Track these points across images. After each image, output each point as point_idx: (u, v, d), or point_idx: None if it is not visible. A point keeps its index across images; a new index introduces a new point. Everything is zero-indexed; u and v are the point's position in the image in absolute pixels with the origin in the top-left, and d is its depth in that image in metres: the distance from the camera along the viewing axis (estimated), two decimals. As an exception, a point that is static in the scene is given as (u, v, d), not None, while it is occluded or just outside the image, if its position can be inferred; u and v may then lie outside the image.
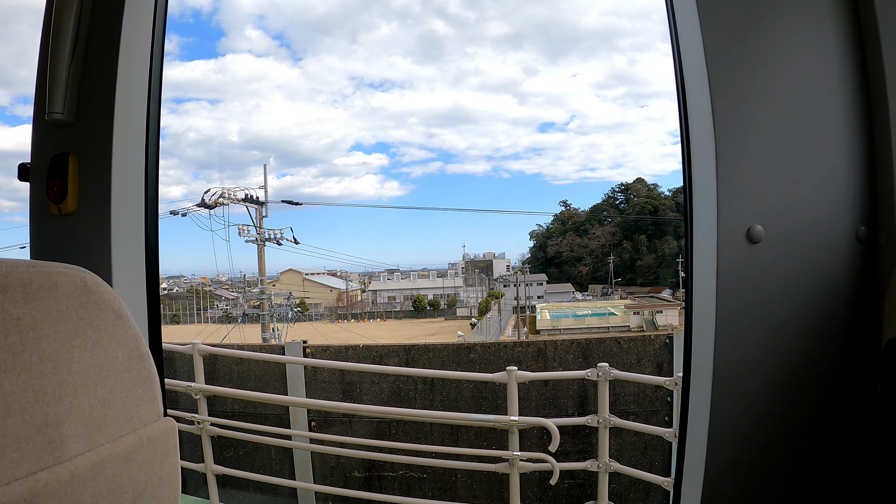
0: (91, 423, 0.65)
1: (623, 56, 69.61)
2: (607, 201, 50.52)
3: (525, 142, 72.84)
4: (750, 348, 1.11)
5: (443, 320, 38.98)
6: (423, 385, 5.01)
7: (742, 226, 1.10)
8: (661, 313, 29.72)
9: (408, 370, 4.94)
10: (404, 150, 73.47)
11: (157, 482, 0.75)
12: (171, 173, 68.75)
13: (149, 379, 0.75)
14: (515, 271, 44.91)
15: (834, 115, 1.10)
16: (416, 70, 76.09)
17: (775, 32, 1.10)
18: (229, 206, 20.39)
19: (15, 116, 65.65)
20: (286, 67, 72.47)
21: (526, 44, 73.95)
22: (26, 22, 66.78)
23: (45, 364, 0.60)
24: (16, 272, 0.58)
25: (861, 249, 1.10)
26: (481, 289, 44.69)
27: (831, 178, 1.10)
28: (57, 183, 1.31)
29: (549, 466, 3.04)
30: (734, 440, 1.13)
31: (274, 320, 20.05)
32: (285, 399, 4.78)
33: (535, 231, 51.09)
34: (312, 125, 73.50)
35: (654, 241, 45.88)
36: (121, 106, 1.32)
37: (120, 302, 0.71)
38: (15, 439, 0.56)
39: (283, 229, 22.03)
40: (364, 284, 46.96)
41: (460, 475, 4.82)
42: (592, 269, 46.91)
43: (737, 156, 1.10)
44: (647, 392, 4.67)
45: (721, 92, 1.10)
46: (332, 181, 73.87)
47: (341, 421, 4.97)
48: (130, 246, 1.34)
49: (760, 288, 1.10)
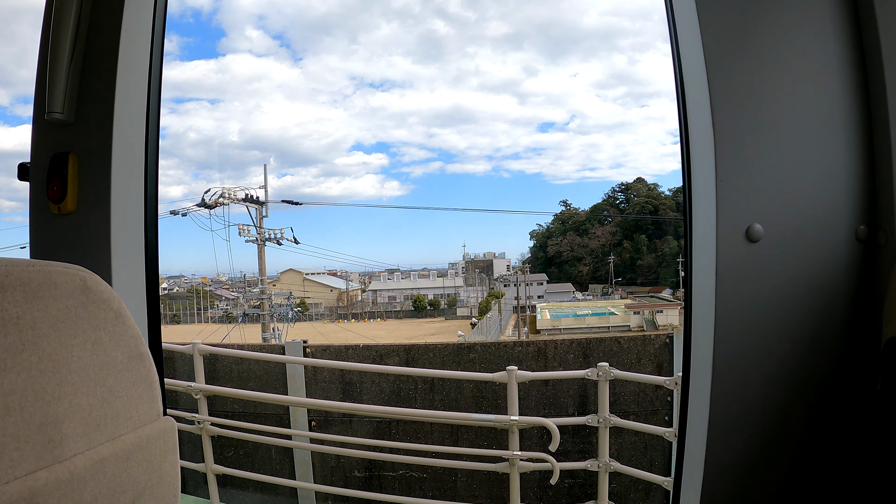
0: (90, 422, 0.65)
1: (623, 56, 69.62)
2: (607, 201, 50.51)
3: (525, 141, 72.84)
4: (749, 347, 1.11)
5: (443, 320, 38.96)
6: (424, 385, 5.01)
7: (741, 225, 1.10)
8: (661, 313, 29.70)
9: (408, 370, 4.94)
10: (404, 150, 73.47)
11: (157, 481, 0.75)
12: (172, 173, 68.75)
13: (148, 378, 0.75)
14: (516, 271, 44.86)
15: (833, 114, 1.10)
16: (416, 70, 76.10)
17: (774, 32, 1.10)
18: (229, 206, 20.41)
19: (15, 116, 65.68)
20: (286, 67, 72.48)
21: (526, 44, 73.93)
22: (26, 22, 66.78)
23: (44, 363, 0.60)
24: (15, 271, 0.58)
25: (860, 248, 1.10)
26: (481, 289, 44.66)
27: (830, 178, 1.10)
28: (56, 182, 1.31)
29: (549, 466, 3.04)
30: (733, 439, 1.13)
31: (274, 320, 20.05)
32: (285, 399, 4.78)
33: (536, 231, 51.09)
34: (313, 125, 73.50)
35: (655, 241, 45.85)
36: (120, 106, 1.32)
37: (119, 301, 0.71)
38: (14, 438, 0.56)
39: (284, 229, 22.06)
40: (364, 284, 46.94)
41: (460, 475, 4.82)
42: (593, 269, 46.88)
43: (736, 155, 1.10)
44: (647, 392, 4.66)
45: (720, 92, 1.10)
46: (333, 181, 73.88)
47: (341, 421, 4.97)
48: (130, 245, 1.34)
49: (760, 287, 1.10)
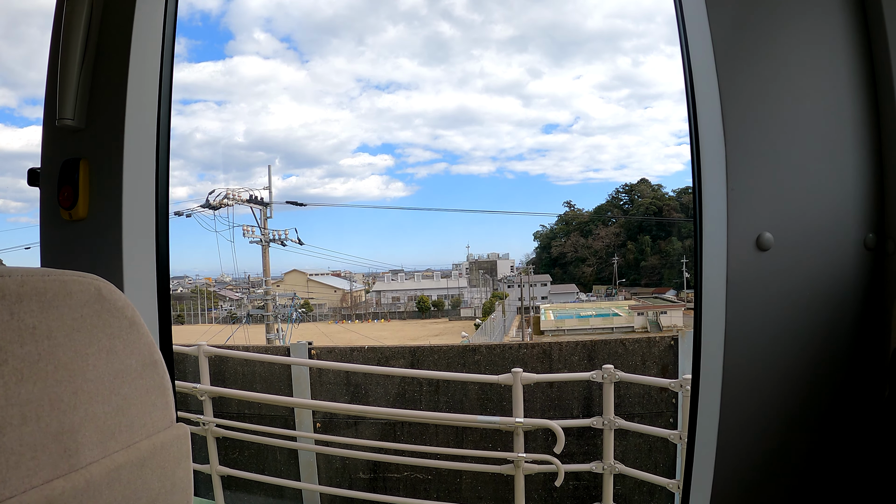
0: (106, 430, 0.66)
1: (627, 58, 69.66)
2: (611, 202, 50.44)
3: (529, 143, 72.98)
4: (759, 354, 1.11)
5: (447, 321, 38.94)
6: (429, 387, 5.00)
7: (752, 233, 1.10)
8: (665, 314, 29.61)
9: (413, 372, 4.93)
10: (409, 151, 73.68)
11: (170, 487, 0.75)
12: (177, 174, 69.15)
13: (162, 385, 0.76)
14: (519, 272, 44.79)
15: (842, 123, 1.10)
16: (422, 72, 76.38)
17: (784, 44, 1.10)
18: (234, 207, 20.45)
19: (23, 118, 66.11)
20: (293, 69, 72.86)
21: (531, 46, 74.04)
22: (35, 24, 67.23)
23: (60, 373, 0.60)
24: (31, 281, 0.58)
25: (869, 256, 1.10)
26: (485, 289, 44.62)
27: (839, 186, 1.10)
28: (68, 189, 1.32)
29: (554, 468, 3.04)
30: (743, 445, 1.13)
31: (278, 321, 20.08)
32: (290, 401, 4.78)
33: (540, 232, 51.07)
34: (318, 126, 73.79)
35: (659, 242, 45.74)
36: (131, 112, 1.32)
37: (133, 309, 0.71)
38: (31, 448, 0.56)
39: (288, 230, 22.02)
40: (368, 285, 46.95)
41: (465, 476, 4.81)
42: (597, 270, 46.79)
43: (747, 164, 1.10)
44: (651, 394, 4.65)
45: (731, 102, 1.10)
46: (338, 182, 74.16)
47: (346, 422, 4.97)
48: (141, 251, 1.35)
49: (769, 295, 1.10)
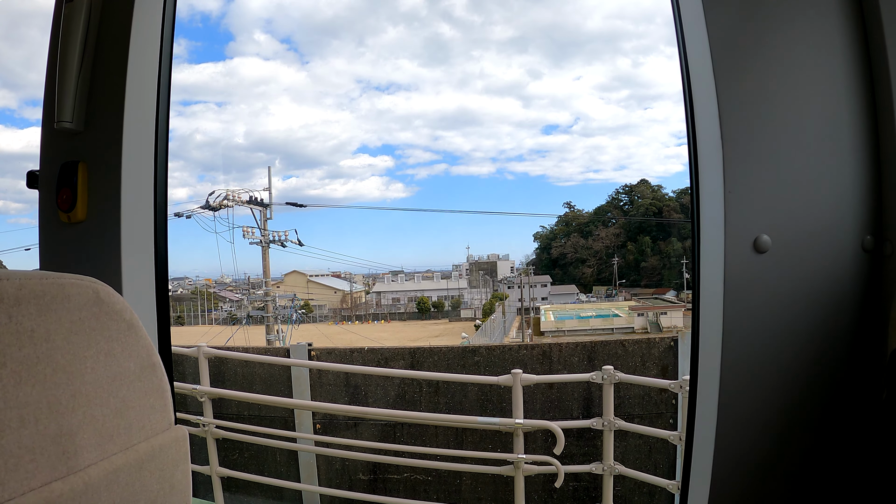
0: (104, 432, 0.66)
1: (627, 59, 69.78)
2: (611, 203, 50.46)
3: (529, 144, 73.07)
4: (756, 356, 1.11)
5: (447, 322, 38.95)
6: (429, 388, 5.00)
7: (749, 236, 1.10)
8: (665, 315, 29.61)
9: (413, 373, 4.93)
10: (409, 152, 73.78)
11: (169, 489, 0.75)
12: (177, 175, 69.21)
13: (160, 388, 0.76)
14: (519, 273, 44.82)
15: (840, 125, 1.10)
16: (422, 73, 76.50)
17: (781, 45, 1.10)
18: (233, 208, 20.47)
19: (23, 119, 66.21)
20: (293, 70, 72.96)
21: (531, 47, 74.15)
22: (35, 25, 67.32)
23: (58, 375, 0.60)
24: (29, 284, 0.58)
25: (867, 259, 1.10)
26: (485, 290, 44.64)
27: (837, 188, 1.10)
28: (66, 192, 1.32)
29: (553, 469, 3.04)
30: (741, 447, 1.13)
31: (278, 322, 20.09)
32: (290, 402, 4.78)
33: (540, 232, 51.12)
34: (318, 127, 73.89)
35: (659, 243, 45.76)
36: (130, 114, 1.32)
37: (132, 312, 0.71)
38: (30, 450, 0.57)
39: (288, 231, 22.07)
40: (368, 286, 46.98)
41: (465, 478, 4.81)
42: (597, 271, 46.81)
43: (744, 166, 1.10)
44: (651, 395, 4.65)
45: (729, 103, 1.10)
46: (338, 183, 74.22)
47: (346, 424, 4.97)
48: (140, 254, 1.35)
49: (767, 297, 1.10)
